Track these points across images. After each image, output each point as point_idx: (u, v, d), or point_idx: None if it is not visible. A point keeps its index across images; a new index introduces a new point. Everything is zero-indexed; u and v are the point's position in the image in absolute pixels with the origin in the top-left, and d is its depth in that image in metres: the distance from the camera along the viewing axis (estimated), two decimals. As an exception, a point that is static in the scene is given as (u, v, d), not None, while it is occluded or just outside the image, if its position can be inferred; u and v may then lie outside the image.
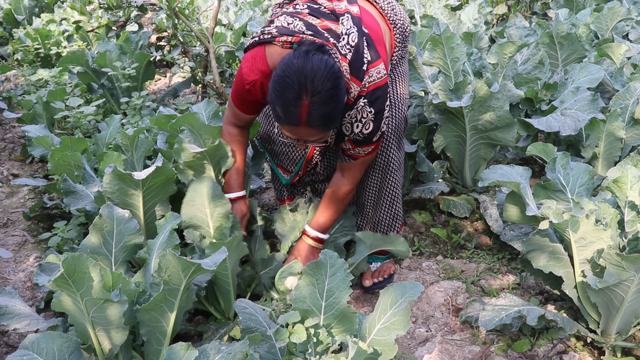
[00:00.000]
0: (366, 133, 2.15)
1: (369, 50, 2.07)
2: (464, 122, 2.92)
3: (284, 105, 1.88)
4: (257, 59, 2.13)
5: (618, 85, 3.51)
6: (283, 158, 2.57)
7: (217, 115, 2.90)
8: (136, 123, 3.58)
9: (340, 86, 1.88)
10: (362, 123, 2.12)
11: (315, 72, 1.82)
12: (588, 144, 3.06)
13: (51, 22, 6.30)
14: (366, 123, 2.12)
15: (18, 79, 5.65)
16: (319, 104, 1.85)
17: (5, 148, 4.17)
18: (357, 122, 2.12)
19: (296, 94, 1.83)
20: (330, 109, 1.89)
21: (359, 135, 2.15)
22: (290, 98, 1.84)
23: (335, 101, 1.89)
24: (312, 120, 1.88)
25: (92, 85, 4.29)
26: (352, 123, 2.13)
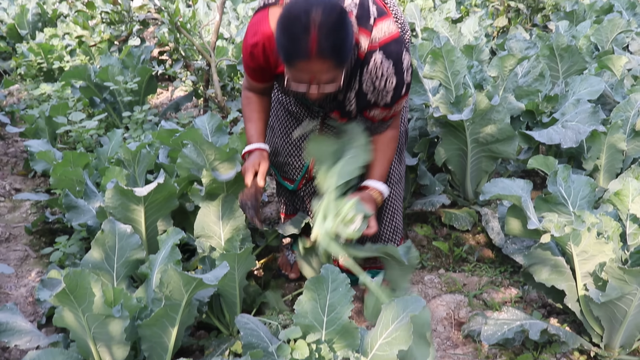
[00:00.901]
0: (391, 89, 2.08)
1: (375, 7, 2.05)
2: (465, 135, 2.92)
3: (292, 40, 1.82)
4: (261, 21, 2.09)
5: (619, 97, 3.52)
6: (287, 169, 2.55)
7: (220, 129, 2.91)
8: (138, 137, 3.59)
9: (347, 19, 1.84)
10: (384, 78, 2.06)
11: (320, 5, 1.79)
12: (589, 156, 3.06)
13: (54, 36, 6.34)
14: (389, 77, 2.06)
15: (21, 93, 5.67)
16: (328, 33, 1.79)
17: (8, 162, 4.18)
18: (379, 80, 2.06)
19: (304, 26, 1.78)
20: (341, 38, 1.83)
21: (385, 93, 2.09)
22: (299, 31, 1.79)
23: (344, 31, 1.84)
24: (323, 50, 1.80)
25: (94, 100, 4.31)
26: (372, 80, 2.06)
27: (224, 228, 2.31)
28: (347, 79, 2.08)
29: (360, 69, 2.06)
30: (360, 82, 2.08)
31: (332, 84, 1.93)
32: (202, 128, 2.88)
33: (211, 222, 2.30)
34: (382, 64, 2.04)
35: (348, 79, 2.08)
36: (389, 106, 2.13)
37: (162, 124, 3.20)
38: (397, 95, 2.10)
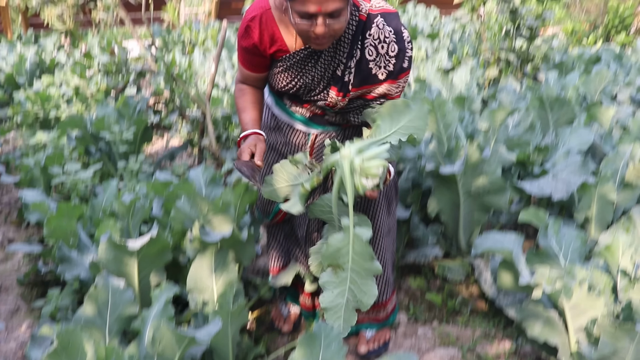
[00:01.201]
0: (393, 55, 2.04)
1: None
2: (458, 187, 2.95)
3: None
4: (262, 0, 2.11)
5: (608, 147, 3.58)
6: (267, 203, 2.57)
7: (214, 181, 2.93)
8: (133, 187, 3.60)
9: None
10: (386, 44, 2.03)
11: None
12: (580, 206, 3.08)
13: (51, 85, 6.40)
14: (390, 43, 2.04)
15: (17, 140, 5.70)
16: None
17: (2, 212, 4.18)
18: (381, 43, 2.03)
19: None
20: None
21: (388, 59, 2.05)
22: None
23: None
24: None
25: (89, 149, 4.33)
26: (375, 45, 2.04)
27: (216, 282, 2.31)
28: (350, 44, 2.05)
29: (362, 34, 2.04)
30: (363, 48, 2.05)
31: (339, 18, 1.87)
32: (197, 180, 2.90)
33: (204, 276, 2.30)
34: (384, 28, 2.03)
35: (350, 44, 2.05)
36: (392, 78, 2.08)
37: (157, 175, 3.22)
38: (399, 64, 2.06)
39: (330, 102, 2.15)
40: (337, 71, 2.09)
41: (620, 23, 10.50)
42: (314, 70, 2.10)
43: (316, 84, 2.13)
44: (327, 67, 2.09)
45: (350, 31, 2.04)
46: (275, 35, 2.07)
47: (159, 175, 3.26)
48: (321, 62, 2.09)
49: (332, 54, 2.07)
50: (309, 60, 2.09)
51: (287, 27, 2.07)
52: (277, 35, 2.08)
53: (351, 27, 2.04)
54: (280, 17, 2.06)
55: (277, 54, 2.11)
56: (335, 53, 2.07)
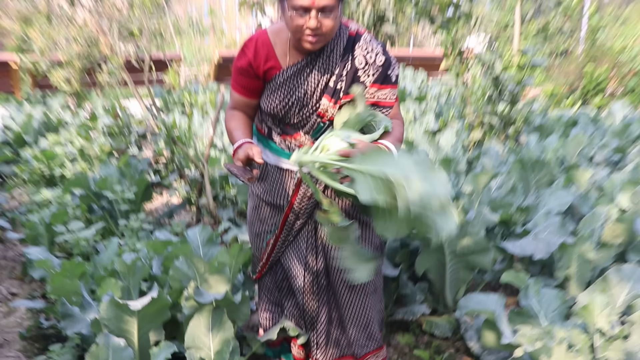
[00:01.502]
0: (380, 64, 2.16)
1: None
2: (444, 248, 3.00)
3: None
4: (260, 30, 2.25)
5: (586, 208, 3.65)
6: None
7: (211, 240, 2.97)
8: (133, 245, 3.64)
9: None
10: (374, 54, 2.16)
11: None
12: (560, 265, 3.13)
13: (57, 143, 6.48)
14: (377, 54, 2.16)
15: (22, 196, 5.74)
16: None
17: (6, 266, 4.18)
18: (370, 54, 2.16)
19: None
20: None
21: (375, 67, 2.16)
22: None
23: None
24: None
25: (92, 207, 4.37)
26: (364, 56, 2.15)
27: (213, 339, 2.32)
28: (341, 55, 2.16)
29: (352, 47, 2.16)
30: (353, 58, 2.16)
31: (330, 16, 1.99)
32: (194, 240, 2.95)
33: (201, 334, 2.32)
34: (372, 42, 2.17)
35: (342, 55, 2.16)
36: (378, 83, 2.17)
37: (157, 234, 3.26)
38: (384, 72, 2.17)
39: (322, 110, 2.21)
40: (330, 82, 2.18)
41: (596, 87, 10.75)
42: (307, 83, 2.18)
43: (309, 97, 2.20)
44: (320, 78, 2.18)
45: (342, 44, 2.16)
46: (269, 53, 2.18)
47: (158, 234, 3.30)
48: (314, 74, 2.18)
49: (325, 65, 2.17)
50: (302, 73, 2.18)
51: (280, 47, 2.19)
52: (271, 54, 2.19)
53: (342, 41, 2.16)
54: (275, 40, 2.19)
55: (270, 72, 2.20)
56: (328, 65, 2.17)
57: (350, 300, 2.48)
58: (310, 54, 2.16)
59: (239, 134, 2.23)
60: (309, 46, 2.07)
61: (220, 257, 2.52)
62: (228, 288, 2.49)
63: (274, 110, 2.24)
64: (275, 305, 2.69)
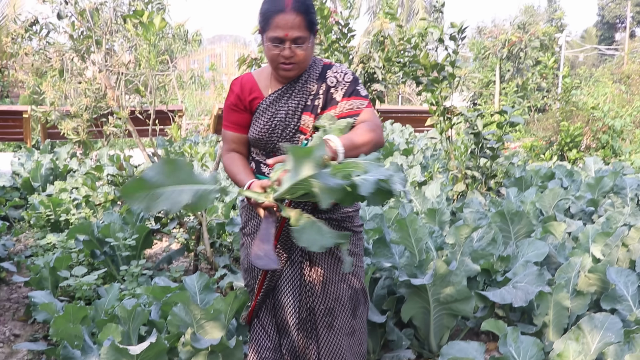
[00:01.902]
0: (348, 81, 2.33)
1: None
2: (428, 296, 3.02)
3: (271, 2, 2.16)
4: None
5: (562, 258, 3.68)
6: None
7: (208, 287, 2.98)
8: (133, 290, 3.64)
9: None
10: (343, 74, 2.34)
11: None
12: (539, 312, 3.15)
13: (63, 190, 6.50)
14: (345, 74, 2.34)
15: (28, 239, 5.73)
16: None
17: (10, 308, 4.15)
18: (339, 74, 2.34)
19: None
20: (309, 3, 2.19)
21: (344, 83, 2.33)
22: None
23: (312, 3, 2.20)
24: (296, 5, 2.12)
25: (95, 252, 4.37)
26: (335, 76, 2.33)
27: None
28: (317, 79, 2.32)
29: (325, 71, 2.34)
30: (326, 79, 2.32)
31: (303, 46, 2.18)
32: (191, 286, 2.95)
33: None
34: (341, 67, 2.37)
35: (317, 79, 2.32)
36: (346, 96, 2.31)
37: (156, 280, 3.26)
38: (352, 86, 2.33)
39: (303, 125, 2.33)
40: (308, 101, 2.32)
41: (572, 141, 10.92)
42: (287, 105, 2.31)
43: (290, 116, 2.31)
44: (299, 100, 2.31)
45: (317, 72, 2.34)
46: (253, 87, 2.35)
47: (157, 280, 3.30)
48: (293, 97, 2.32)
49: (303, 89, 2.32)
50: (282, 98, 2.32)
51: (263, 82, 2.37)
52: (255, 87, 2.36)
53: (317, 69, 2.34)
54: (258, 77, 2.38)
55: (254, 102, 2.34)
56: (305, 88, 2.32)
57: (327, 339, 2.43)
58: (289, 82, 2.33)
59: (244, 176, 2.30)
60: (285, 73, 2.26)
61: (216, 304, 2.52)
62: (223, 334, 2.49)
63: (260, 133, 2.34)
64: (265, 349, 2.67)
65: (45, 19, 7.74)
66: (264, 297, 2.48)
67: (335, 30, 6.90)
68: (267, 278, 2.42)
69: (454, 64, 5.53)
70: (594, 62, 41.99)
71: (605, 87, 13.33)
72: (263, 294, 2.46)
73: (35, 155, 8.88)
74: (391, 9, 6.29)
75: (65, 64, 7.93)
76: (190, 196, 1.74)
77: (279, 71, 2.26)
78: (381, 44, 7.06)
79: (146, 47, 4.55)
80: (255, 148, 2.42)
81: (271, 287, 2.46)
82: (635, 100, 12.58)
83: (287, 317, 2.45)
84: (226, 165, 2.40)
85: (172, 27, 8.51)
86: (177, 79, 8.80)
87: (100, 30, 7.53)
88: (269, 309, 2.50)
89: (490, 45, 19.97)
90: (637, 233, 3.58)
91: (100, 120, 8.83)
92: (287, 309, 2.44)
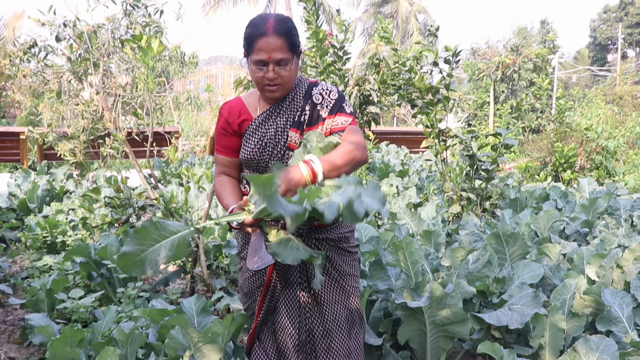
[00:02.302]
0: (334, 98, 2.38)
1: None
2: (424, 318, 3.03)
3: (254, 26, 2.23)
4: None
5: (557, 280, 3.70)
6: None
7: (205, 310, 2.98)
8: (130, 312, 3.63)
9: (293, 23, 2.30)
10: (328, 91, 2.40)
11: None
12: (535, 334, 3.16)
13: (60, 212, 6.51)
14: (331, 91, 2.40)
15: (23, 261, 5.71)
16: (281, 20, 2.24)
17: (5, 331, 4.13)
18: (325, 92, 2.39)
19: (263, 17, 2.25)
20: (291, 26, 2.25)
21: (329, 100, 2.38)
22: (259, 21, 2.23)
23: (293, 25, 2.28)
24: (277, 29, 2.20)
25: (92, 274, 4.37)
26: (320, 93, 2.39)
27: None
28: (303, 97, 2.39)
29: (311, 89, 2.40)
30: (312, 96, 2.38)
31: (286, 67, 2.25)
32: (189, 309, 2.96)
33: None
34: (326, 85, 2.43)
35: (304, 97, 2.39)
36: (332, 114, 2.37)
37: (153, 302, 3.26)
38: (338, 104, 2.38)
39: (290, 142, 2.38)
40: (295, 117, 2.37)
41: (566, 162, 10.99)
42: (276, 124, 2.36)
43: (280, 134, 2.36)
44: (287, 117, 2.37)
45: (303, 90, 2.40)
46: (242, 110, 2.41)
47: (154, 303, 3.30)
48: (281, 116, 2.37)
49: (290, 108, 2.38)
50: (270, 117, 2.38)
51: (251, 104, 2.43)
52: (244, 110, 2.41)
53: (303, 88, 2.41)
54: (247, 100, 2.45)
55: (243, 124, 2.40)
56: (292, 106, 2.38)
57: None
58: (276, 102, 2.39)
59: (230, 201, 2.34)
60: (270, 95, 2.33)
61: (214, 327, 2.53)
62: (221, 357, 2.50)
63: (252, 153, 2.38)
64: None
65: (44, 41, 7.80)
66: (264, 319, 2.49)
67: (331, 53, 6.98)
68: (266, 299, 2.44)
69: (448, 87, 5.60)
70: (586, 82, 42.42)
71: (599, 108, 13.46)
72: (263, 316, 2.47)
73: (32, 176, 8.90)
74: (386, 33, 6.36)
75: (63, 85, 7.97)
76: (167, 250, 1.88)
77: (264, 93, 2.34)
78: (376, 66, 7.14)
79: (144, 70, 4.59)
80: (248, 168, 2.47)
81: (271, 309, 2.47)
82: (628, 121, 12.70)
83: (287, 339, 2.45)
84: (216, 189, 2.46)
85: (169, 49, 8.56)
86: (173, 100, 8.85)
87: (98, 52, 7.60)
88: (270, 331, 2.51)
89: (485, 67, 20.17)
90: (632, 255, 3.61)
91: (97, 141, 8.86)
92: (286, 331, 2.45)
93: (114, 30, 7.85)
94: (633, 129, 12.15)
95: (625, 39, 45.67)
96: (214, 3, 37.39)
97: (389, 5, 41.70)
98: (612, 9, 49.97)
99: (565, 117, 13.86)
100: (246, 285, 2.51)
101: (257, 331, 2.49)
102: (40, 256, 5.45)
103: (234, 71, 35.78)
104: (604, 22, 50.28)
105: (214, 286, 4.15)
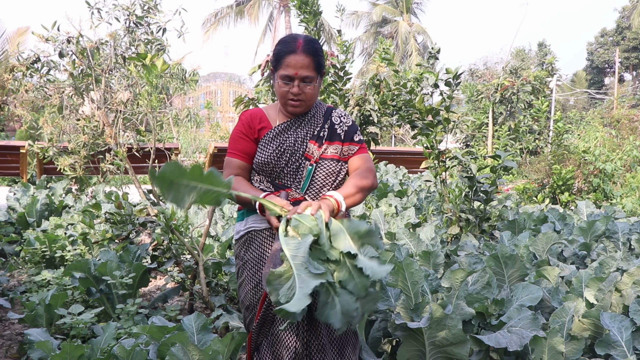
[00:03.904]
0: (349, 124, 2.58)
1: None
2: (424, 339, 3.04)
3: (284, 43, 2.39)
4: None
5: (555, 302, 3.71)
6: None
7: (205, 328, 2.99)
8: (129, 328, 3.63)
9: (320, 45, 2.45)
10: (345, 117, 2.60)
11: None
12: (533, 357, 3.16)
13: (59, 226, 6.51)
14: (348, 118, 2.60)
15: (21, 275, 5.70)
16: (310, 41, 2.39)
17: (2, 345, 4.12)
18: (342, 117, 2.59)
19: (293, 37, 2.41)
20: (318, 48, 2.40)
21: (345, 125, 2.56)
22: (290, 39, 2.39)
23: (320, 47, 2.43)
24: (306, 48, 2.36)
25: (91, 290, 4.37)
26: (339, 116, 2.58)
27: None
28: (323, 116, 2.56)
29: (330, 111, 2.59)
30: (331, 117, 2.57)
31: (310, 85, 2.40)
32: (189, 326, 2.97)
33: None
34: (343, 111, 2.63)
35: (324, 116, 2.56)
36: (346, 140, 2.55)
37: (153, 319, 3.27)
38: (352, 130, 2.58)
39: (308, 152, 2.50)
40: (315, 131, 2.53)
41: (564, 184, 11.04)
42: (295, 134, 2.50)
43: (299, 144, 2.48)
44: (306, 131, 2.51)
45: (322, 111, 2.58)
46: (262, 118, 2.54)
47: (154, 319, 3.30)
48: (300, 129, 2.51)
49: (309, 123, 2.53)
50: (290, 129, 2.51)
51: (272, 115, 2.56)
52: (264, 118, 2.54)
53: (322, 110, 2.59)
54: (267, 111, 2.57)
55: (262, 131, 2.51)
56: (312, 123, 2.53)
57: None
58: (296, 117, 2.52)
59: (255, 192, 2.44)
60: (292, 109, 2.47)
61: (214, 345, 2.55)
62: (221, 375, 2.50)
63: (269, 157, 2.47)
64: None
65: (47, 57, 7.86)
66: (261, 329, 2.50)
67: (332, 73, 7.05)
68: (263, 308, 2.45)
69: (448, 109, 5.65)
70: (584, 105, 42.71)
71: (596, 131, 13.55)
72: (260, 325, 2.48)
73: (31, 191, 8.90)
74: (387, 54, 6.44)
75: (64, 100, 8.02)
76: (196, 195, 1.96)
77: (287, 107, 2.47)
78: (377, 87, 7.21)
79: (148, 88, 4.63)
80: (260, 175, 2.54)
81: (269, 320, 2.48)
82: (626, 144, 12.79)
83: (284, 351, 2.47)
84: (235, 184, 2.49)
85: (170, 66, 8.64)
86: (173, 118, 8.90)
87: (100, 68, 7.66)
88: (269, 345, 2.52)
89: (483, 89, 20.32)
90: (630, 278, 3.63)
91: (97, 157, 8.88)
92: (284, 342, 2.46)
93: (117, 47, 7.92)
94: (630, 152, 12.23)
95: (622, 63, 46.08)
96: (215, 21, 37.69)
97: (388, 25, 42.13)
98: (609, 33, 50.47)
99: (563, 140, 13.94)
100: (247, 299, 2.53)
101: (257, 344, 2.51)
102: (39, 271, 5.44)
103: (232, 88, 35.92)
104: (601, 45, 50.77)
105: (213, 304, 4.15)
